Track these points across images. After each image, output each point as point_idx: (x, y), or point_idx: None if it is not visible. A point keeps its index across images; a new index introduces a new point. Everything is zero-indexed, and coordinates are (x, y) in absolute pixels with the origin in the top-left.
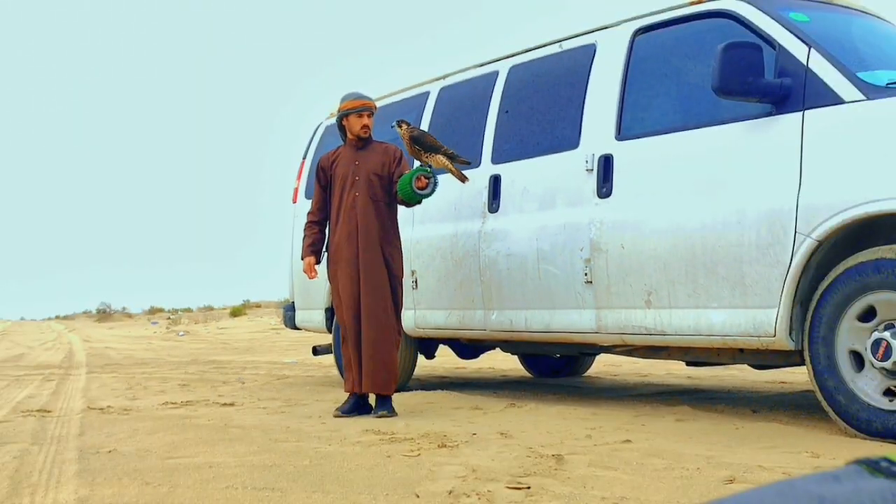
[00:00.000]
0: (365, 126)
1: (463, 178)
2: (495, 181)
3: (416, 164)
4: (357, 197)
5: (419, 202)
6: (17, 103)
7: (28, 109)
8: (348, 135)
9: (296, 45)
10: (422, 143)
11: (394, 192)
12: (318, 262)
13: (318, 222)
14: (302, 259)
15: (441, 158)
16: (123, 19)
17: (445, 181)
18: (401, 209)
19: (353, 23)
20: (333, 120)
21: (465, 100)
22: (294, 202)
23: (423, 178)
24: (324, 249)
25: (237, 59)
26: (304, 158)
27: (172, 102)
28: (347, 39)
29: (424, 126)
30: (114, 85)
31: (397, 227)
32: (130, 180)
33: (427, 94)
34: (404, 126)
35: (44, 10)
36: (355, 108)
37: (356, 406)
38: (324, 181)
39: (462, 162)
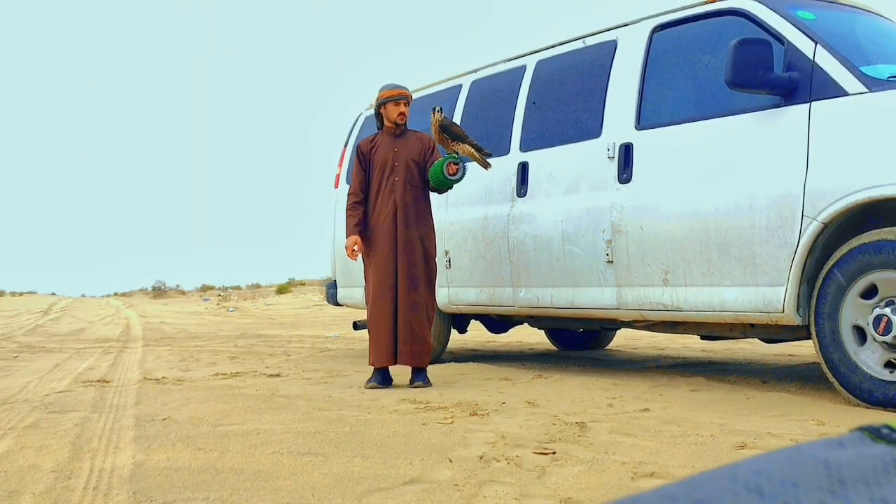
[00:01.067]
0: (401, 114)
1: (486, 165)
2: (523, 168)
3: (442, 154)
4: (397, 181)
5: (450, 187)
6: (79, 86)
7: (87, 92)
8: (385, 122)
9: (340, 39)
10: (449, 132)
11: (426, 178)
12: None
13: (361, 202)
14: (347, 237)
15: (467, 147)
16: (180, 7)
17: (473, 170)
18: (434, 194)
19: (394, 19)
20: (373, 110)
21: (495, 92)
22: (336, 187)
23: (453, 164)
24: (363, 229)
25: (289, 50)
26: (346, 146)
27: (225, 93)
28: (388, 35)
29: (457, 116)
30: (173, 72)
31: (431, 210)
32: (184, 167)
33: (460, 86)
34: (437, 114)
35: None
36: (393, 97)
37: (383, 378)
38: (364, 164)
39: (487, 154)
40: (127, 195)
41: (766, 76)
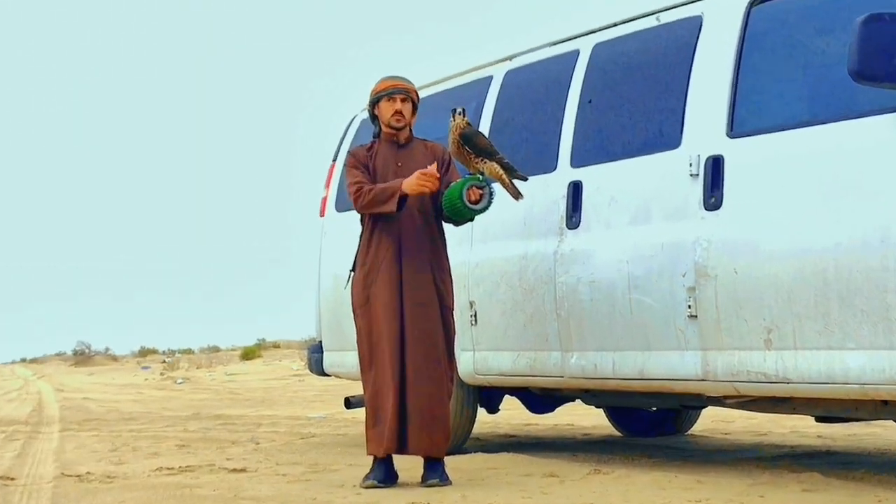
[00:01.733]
0: (398, 113)
1: (517, 195)
2: (575, 189)
3: (461, 173)
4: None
5: (471, 219)
6: None
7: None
8: (382, 126)
9: (329, 24)
10: (473, 145)
11: (438, 204)
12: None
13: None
14: (401, 190)
15: (495, 167)
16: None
17: (504, 194)
18: (449, 226)
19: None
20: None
21: (536, 86)
22: (322, 215)
23: (476, 188)
24: (350, 270)
25: (263, 40)
26: (335, 161)
27: (169, 104)
28: (391, 15)
29: (486, 120)
30: (102, 92)
31: (446, 247)
32: (116, 193)
33: (489, 79)
34: (458, 118)
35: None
36: (386, 91)
37: (387, 473)
38: (364, 170)
39: (520, 177)
40: (40, 227)
41: None
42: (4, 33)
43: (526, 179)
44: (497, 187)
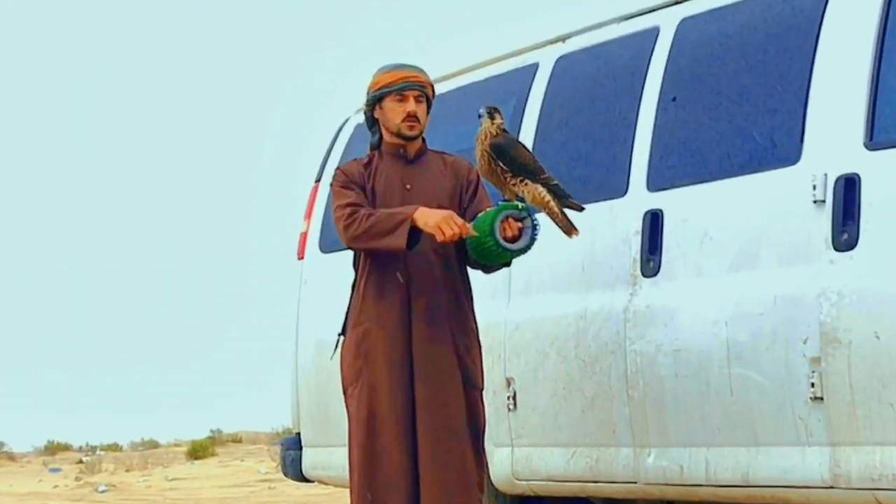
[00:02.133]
0: (411, 117)
1: (571, 229)
2: (654, 221)
3: (493, 198)
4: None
5: (507, 263)
6: None
7: None
8: (385, 135)
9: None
10: (509, 159)
11: (463, 242)
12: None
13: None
14: (413, 220)
15: (540, 191)
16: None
17: (551, 229)
18: (476, 272)
19: None
20: (363, 114)
21: (599, 78)
22: (301, 257)
23: (512, 220)
24: (339, 333)
25: (222, 35)
26: (318, 181)
27: (97, 99)
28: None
29: (528, 126)
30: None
31: (473, 303)
32: (25, 235)
33: (533, 68)
34: (487, 121)
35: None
36: (394, 85)
37: None
38: (359, 191)
39: (573, 206)
40: None
41: None
42: None
43: (582, 209)
44: (542, 218)
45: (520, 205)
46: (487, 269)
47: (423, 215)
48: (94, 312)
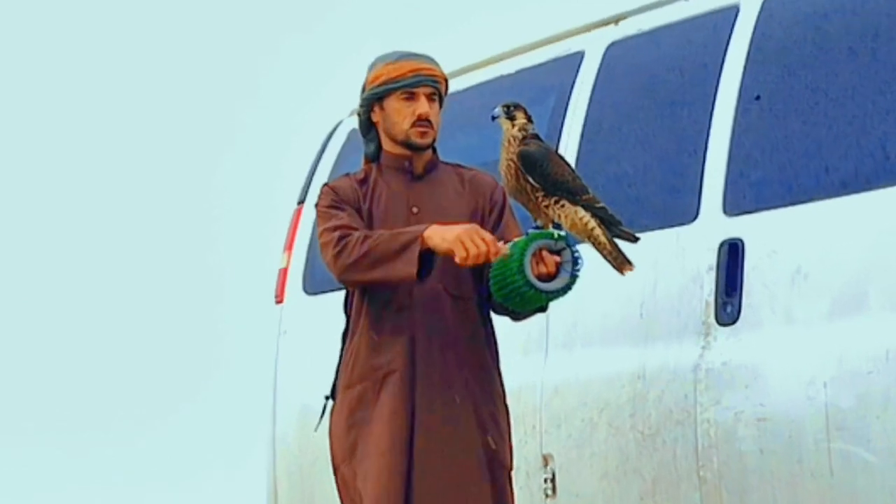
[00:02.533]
0: (423, 121)
1: (623, 264)
2: (732, 254)
3: (522, 225)
4: (417, 289)
5: (542, 308)
6: None
7: None
8: (385, 142)
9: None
10: (540, 172)
11: (485, 280)
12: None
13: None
14: (424, 241)
15: (581, 215)
16: None
17: (596, 263)
18: (500, 317)
19: None
20: (357, 116)
21: (661, 71)
22: (279, 300)
23: (547, 253)
24: (326, 397)
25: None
26: (302, 203)
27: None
28: None
29: (571, 130)
30: None
31: (498, 360)
32: None
33: (577, 58)
34: (507, 122)
35: None
36: (401, 80)
37: None
38: (352, 213)
39: (625, 235)
40: None
41: None
42: None
43: (636, 239)
44: (587, 250)
45: (556, 233)
46: (516, 315)
47: (437, 232)
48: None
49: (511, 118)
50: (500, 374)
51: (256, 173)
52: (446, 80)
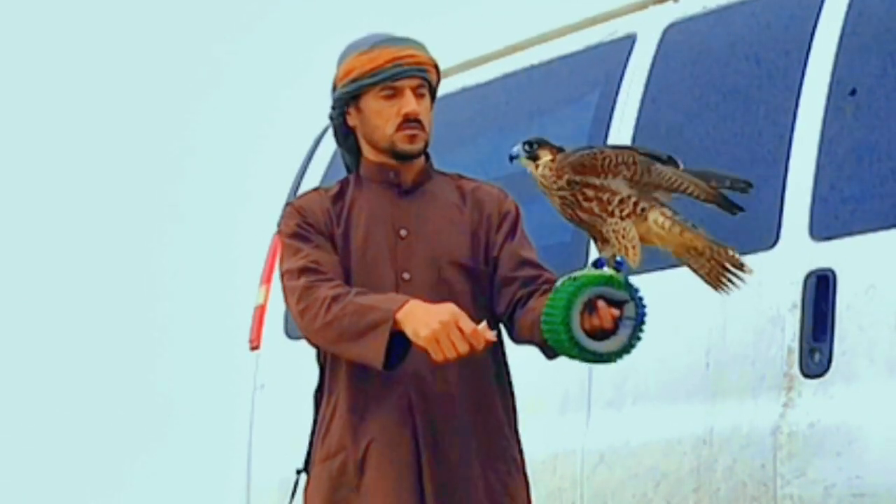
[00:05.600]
0: (411, 121)
1: (720, 281)
2: (821, 288)
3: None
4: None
5: (611, 359)
6: None
7: None
8: (365, 150)
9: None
10: (589, 164)
11: (518, 328)
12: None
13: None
14: (396, 323)
15: (663, 221)
16: None
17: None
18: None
19: None
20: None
21: (731, 59)
22: (255, 346)
23: (601, 302)
24: (298, 470)
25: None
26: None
27: None
28: None
29: (621, 129)
30: None
31: (513, 411)
32: None
33: (629, 42)
34: (530, 165)
35: None
36: (380, 72)
37: None
38: (323, 243)
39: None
40: None
41: None
42: None
43: (749, 186)
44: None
45: (612, 277)
46: (549, 352)
47: (412, 318)
48: None
49: (533, 157)
50: (516, 432)
51: (226, 188)
52: (437, 67)
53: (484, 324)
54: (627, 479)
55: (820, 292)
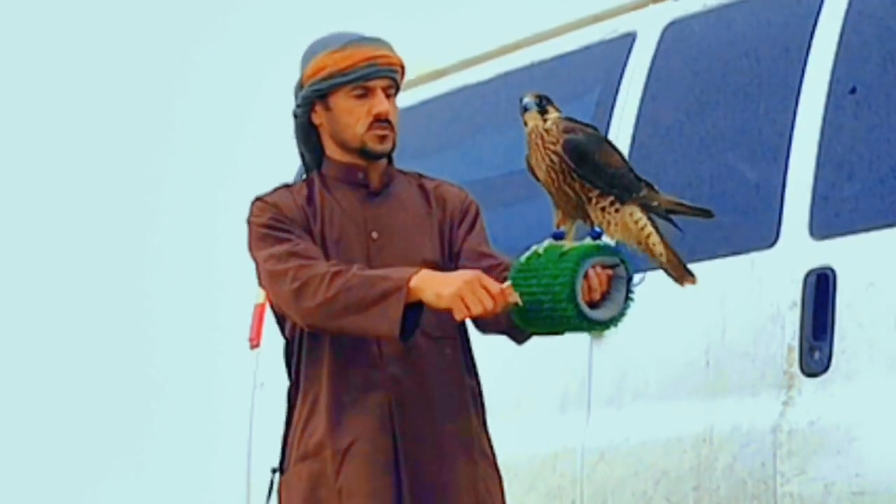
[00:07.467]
0: (381, 121)
1: (684, 277)
2: (821, 287)
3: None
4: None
5: (559, 332)
6: None
7: None
8: (331, 150)
9: None
10: (593, 164)
11: (499, 311)
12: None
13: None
14: (411, 290)
15: (637, 216)
16: None
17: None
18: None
19: None
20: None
21: (731, 56)
22: (255, 345)
23: (594, 271)
24: (273, 471)
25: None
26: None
27: None
28: None
29: (621, 128)
30: None
31: (484, 413)
32: None
33: (629, 40)
34: (536, 117)
35: None
36: (352, 71)
37: None
38: (301, 234)
39: (697, 213)
40: None
41: None
42: None
43: (711, 215)
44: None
45: (601, 247)
46: (520, 336)
47: (430, 284)
48: None
49: (542, 110)
50: (485, 428)
51: (219, 182)
52: (403, 68)
53: (508, 283)
54: (627, 477)
55: (820, 291)
